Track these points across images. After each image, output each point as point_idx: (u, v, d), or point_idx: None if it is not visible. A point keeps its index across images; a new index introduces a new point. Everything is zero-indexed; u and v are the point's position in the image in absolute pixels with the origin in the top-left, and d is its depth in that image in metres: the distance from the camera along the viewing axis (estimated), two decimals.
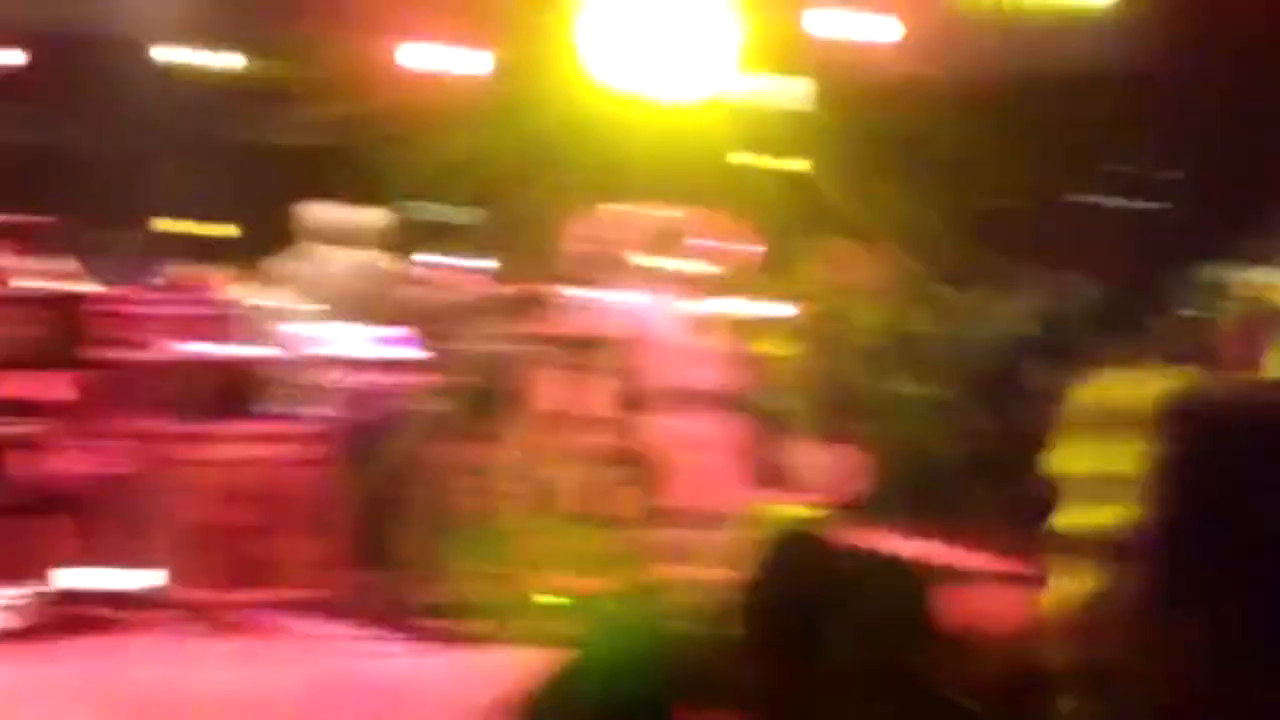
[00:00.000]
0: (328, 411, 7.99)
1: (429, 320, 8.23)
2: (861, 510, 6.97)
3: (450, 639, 6.94)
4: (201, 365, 7.85)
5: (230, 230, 16.57)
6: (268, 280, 9.04)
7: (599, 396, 7.15)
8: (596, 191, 8.86)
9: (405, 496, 7.53)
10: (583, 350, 7.22)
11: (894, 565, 3.28)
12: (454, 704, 6.04)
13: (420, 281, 9.08)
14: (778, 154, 14.23)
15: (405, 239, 9.74)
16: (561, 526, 7.08)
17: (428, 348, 7.92)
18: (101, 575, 7.69)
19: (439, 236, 9.78)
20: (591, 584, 6.74)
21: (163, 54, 13.07)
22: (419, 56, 12.82)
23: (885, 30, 11.75)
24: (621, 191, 8.31)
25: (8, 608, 7.48)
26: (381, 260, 8.94)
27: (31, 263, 8.14)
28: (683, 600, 3.98)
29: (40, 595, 7.51)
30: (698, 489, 7.13)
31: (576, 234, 7.66)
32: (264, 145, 15.91)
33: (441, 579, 7.21)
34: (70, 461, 7.65)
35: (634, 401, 7.19)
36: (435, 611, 7.08)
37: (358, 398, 8.13)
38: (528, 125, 12.58)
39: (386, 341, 8.31)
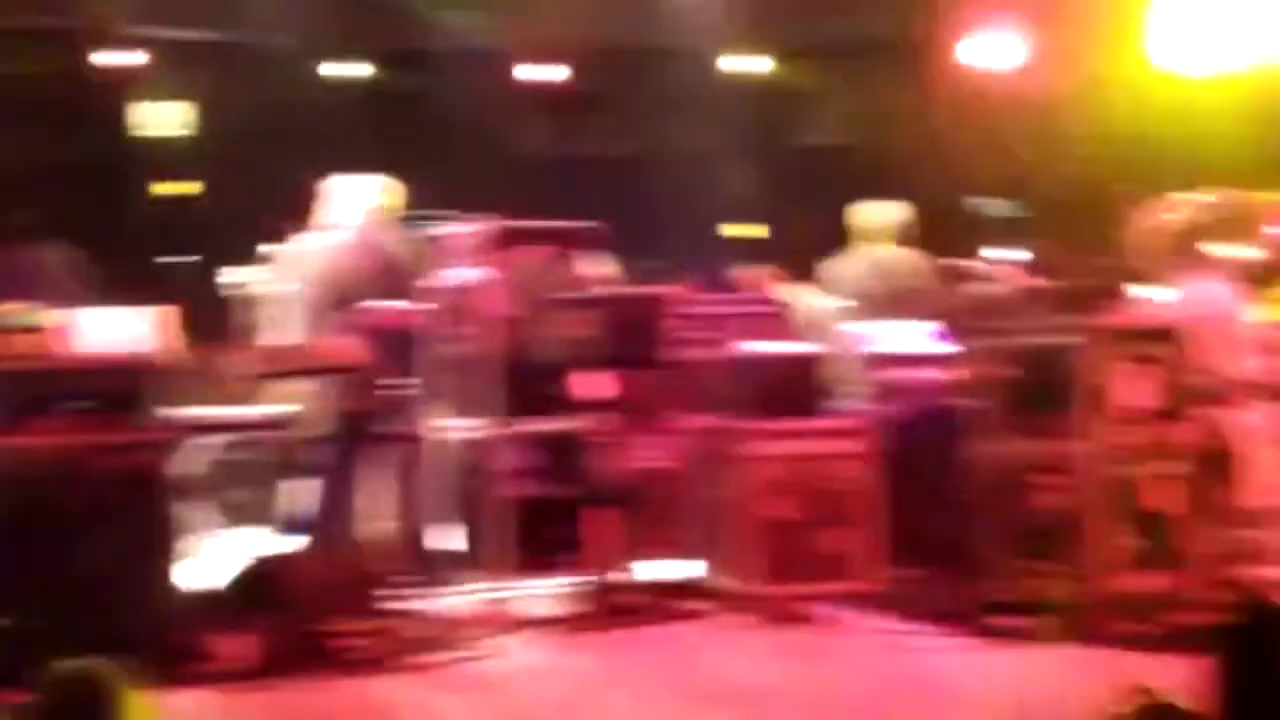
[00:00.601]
0: (878, 407, 8.02)
1: (980, 314, 8.15)
2: None
3: (1013, 637, 6.85)
4: (761, 363, 7.99)
5: (760, 231, 16.86)
6: (814, 278, 9.15)
7: (1171, 389, 6.94)
8: (1146, 177, 8.62)
9: (961, 492, 7.47)
10: (1154, 342, 7.02)
11: None
12: (1020, 704, 5.96)
13: (970, 275, 9.02)
14: None
15: (944, 234, 9.69)
16: (1136, 524, 6.90)
17: (977, 342, 7.84)
18: (658, 566, 7.95)
19: (981, 229, 9.70)
20: (1167, 584, 6.55)
21: (698, 60, 13.37)
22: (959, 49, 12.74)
23: None
24: (1174, 175, 8.04)
25: (565, 596, 7.79)
26: (919, 256, 8.92)
27: (582, 267, 8.45)
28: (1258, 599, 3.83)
29: (600, 584, 7.80)
30: (1270, 484, 6.85)
31: (1142, 222, 7.46)
32: (794, 146, 16.12)
33: (1004, 576, 7.13)
34: (636, 457, 7.92)
35: (1208, 394, 6.95)
36: (997, 609, 6.99)
37: (906, 393, 8.13)
38: (1066, 113, 12.36)
39: (934, 337, 8.27)
